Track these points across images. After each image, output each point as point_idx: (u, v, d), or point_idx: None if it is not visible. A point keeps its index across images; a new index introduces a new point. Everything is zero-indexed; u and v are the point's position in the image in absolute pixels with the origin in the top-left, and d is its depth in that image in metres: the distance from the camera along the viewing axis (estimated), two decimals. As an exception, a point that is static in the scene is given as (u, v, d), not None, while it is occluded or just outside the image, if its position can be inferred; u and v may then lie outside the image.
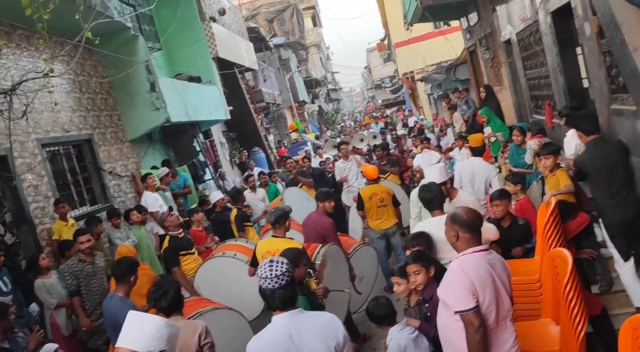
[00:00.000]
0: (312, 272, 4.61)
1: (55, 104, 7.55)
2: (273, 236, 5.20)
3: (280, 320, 2.84)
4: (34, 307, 6.07)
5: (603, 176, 4.82)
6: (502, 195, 5.29)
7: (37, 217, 7.20)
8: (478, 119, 9.94)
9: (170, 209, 8.80)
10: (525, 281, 4.68)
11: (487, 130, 9.22)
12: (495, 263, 3.22)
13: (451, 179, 5.52)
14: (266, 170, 14.33)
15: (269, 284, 2.79)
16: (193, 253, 6.81)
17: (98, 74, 9.52)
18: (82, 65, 9.05)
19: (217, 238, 7.66)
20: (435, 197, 4.58)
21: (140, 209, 8.06)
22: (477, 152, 7.14)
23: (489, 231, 4.73)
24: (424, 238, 4.24)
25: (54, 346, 4.88)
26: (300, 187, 9.92)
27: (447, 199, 5.04)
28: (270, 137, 20.51)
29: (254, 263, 5.11)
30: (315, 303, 4.29)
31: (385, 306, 3.98)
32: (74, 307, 5.88)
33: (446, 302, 3.18)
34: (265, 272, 2.81)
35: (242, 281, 5.89)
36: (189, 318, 4.45)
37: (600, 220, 5.09)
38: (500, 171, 8.07)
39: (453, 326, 3.15)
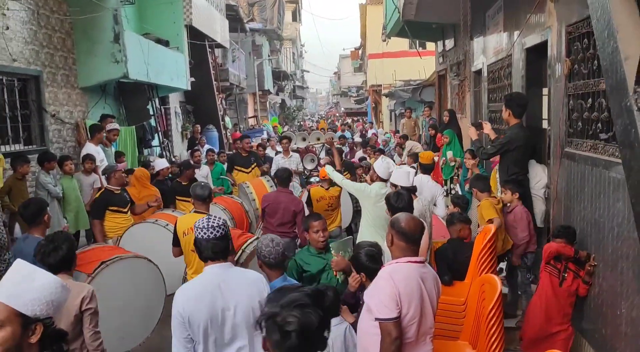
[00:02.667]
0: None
1: (7, 28, 7.05)
2: (195, 211, 4.99)
3: (210, 270, 2.99)
4: None
5: (522, 153, 5.62)
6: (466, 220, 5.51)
7: (-37, 144, 6.71)
8: (438, 139, 10.06)
9: (125, 165, 8.44)
10: (451, 302, 4.71)
11: (450, 154, 9.34)
12: (428, 278, 3.16)
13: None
14: (217, 150, 14.04)
15: (204, 234, 2.97)
16: (125, 212, 6.52)
17: (61, 12, 9.01)
18: (46, -1, 8.53)
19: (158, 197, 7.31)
20: (404, 208, 4.43)
21: (88, 158, 7.68)
22: (427, 169, 7.19)
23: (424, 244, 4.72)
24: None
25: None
26: (249, 172, 9.77)
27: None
28: (227, 119, 20.13)
29: (175, 242, 4.85)
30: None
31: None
32: None
33: (370, 306, 3.09)
34: (202, 222, 3.00)
35: (166, 252, 5.67)
36: (95, 270, 4.25)
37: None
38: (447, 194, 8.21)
39: (371, 331, 3.07)
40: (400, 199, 4.52)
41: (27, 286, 1.87)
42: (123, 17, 9.71)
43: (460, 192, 8.31)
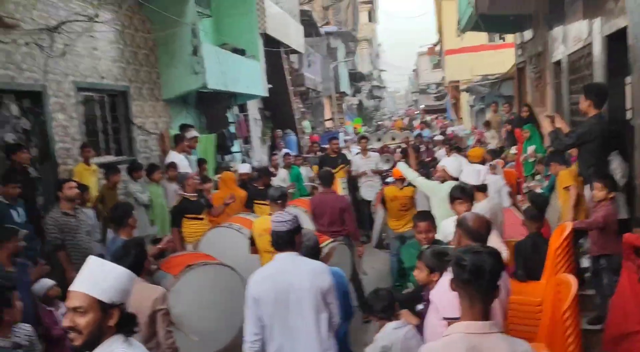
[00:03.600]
0: None
1: (95, 49, 7.65)
2: (270, 214, 5.16)
3: (280, 257, 3.39)
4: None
5: (600, 145, 5.39)
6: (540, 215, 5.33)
7: (62, 157, 7.34)
8: (517, 133, 9.73)
9: (197, 173, 8.86)
10: (527, 302, 4.58)
11: (531, 149, 9.01)
12: None
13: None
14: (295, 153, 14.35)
15: (277, 226, 3.38)
16: (201, 219, 6.83)
17: (145, 30, 9.62)
18: (131, 18, 9.15)
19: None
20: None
21: (172, 166, 8.16)
22: None
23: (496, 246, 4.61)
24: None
25: (51, 282, 4.96)
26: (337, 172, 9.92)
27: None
28: (306, 123, 20.46)
29: (252, 242, 5.10)
30: None
31: (384, 299, 3.85)
32: (61, 262, 5.66)
33: (437, 306, 3.10)
34: (277, 217, 3.44)
35: (243, 254, 5.93)
36: (181, 272, 4.52)
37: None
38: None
39: (438, 331, 3.07)
40: (460, 191, 4.50)
41: (103, 277, 2.15)
42: (201, 30, 10.21)
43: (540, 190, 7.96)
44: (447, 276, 3.14)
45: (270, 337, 3.27)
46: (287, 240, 3.37)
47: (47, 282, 4.93)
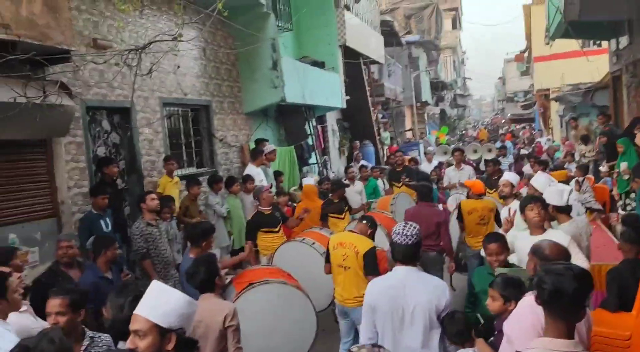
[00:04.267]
0: None
1: (178, 67, 8.02)
2: (350, 230, 5.13)
3: (399, 270, 3.41)
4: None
5: None
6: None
7: (147, 169, 7.73)
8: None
9: (271, 185, 9.02)
10: (613, 335, 4.22)
11: (624, 165, 8.39)
12: None
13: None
14: (371, 165, 14.28)
15: (399, 239, 3.38)
16: (277, 232, 6.91)
17: (227, 46, 9.96)
18: (214, 35, 9.51)
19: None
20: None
21: (247, 178, 8.36)
22: None
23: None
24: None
25: (135, 288, 5.21)
26: (400, 186, 9.81)
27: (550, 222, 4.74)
28: (385, 134, 20.33)
29: (327, 258, 5.06)
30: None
31: (459, 323, 3.68)
32: (146, 270, 5.91)
33: (511, 338, 2.93)
34: (399, 229, 3.43)
35: (315, 270, 5.93)
36: (247, 288, 4.56)
37: None
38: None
39: (512, 364, 2.90)
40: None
41: (162, 302, 2.20)
42: (281, 44, 10.43)
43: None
44: (521, 306, 2.96)
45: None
46: (409, 253, 3.39)
47: (128, 290, 5.18)
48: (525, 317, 2.86)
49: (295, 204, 8.78)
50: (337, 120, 16.51)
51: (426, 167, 13.38)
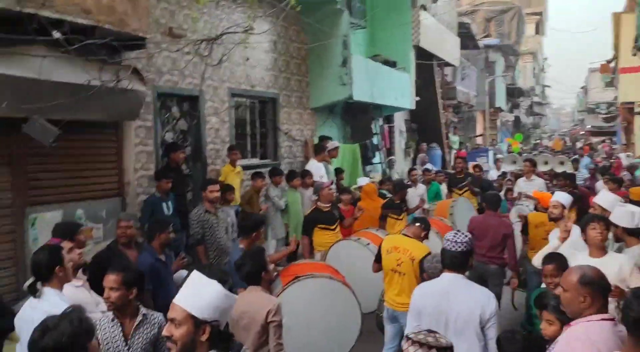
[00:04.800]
0: None
1: (248, 59, 8.13)
2: (403, 234, 5.00)
3: (445, 277, 3.38)
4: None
5: None
6: None
7: (211, 157, 7.90)
8: None
9: (332, 182, 9.00)
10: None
11: None
12: (625, 337, 2.68)
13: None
14: (436, 168, 13.97)
15: (449, 245, 3.35)
16: (333, 229, 6.88)
17: (299, 40, 10.01)
18: (286, 29, 9.58)
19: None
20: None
21: (305, 173, 8.39)
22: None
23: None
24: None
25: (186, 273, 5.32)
26: (463, 193, 9.51)
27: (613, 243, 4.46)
28: (454, 138, 19.85)
29: (377, 258, 4.98)
30: None
31: (518, 343, 3.49)
32: (198, 255, 6.06)
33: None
34: (451, 235, 3.41)
35: (367, 271, 5.85)
36: (288, 283, 4.54)
37: None
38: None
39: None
40: None
41: (199, 293, 2.20)
42: (354, 41, 10.38)
43: None
44: (572, 338, 2.75)
45: None
46: (459, 261, 3.35)
47: (184, 273, 5.29)
48: (583, 349, 2.65)
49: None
50: (405, 121, 16.27)
51: (495, 174, 12.95)
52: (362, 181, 8.50)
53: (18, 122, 4.67)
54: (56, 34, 4.66)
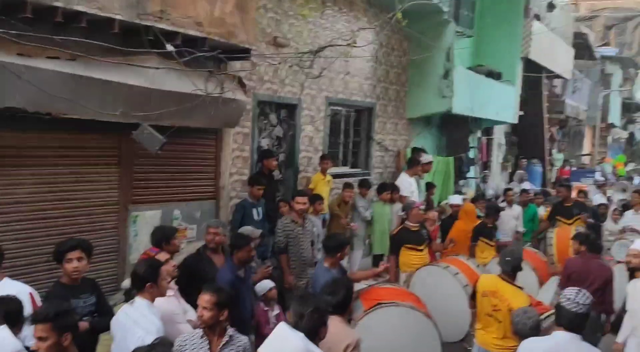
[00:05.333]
0: None
1: (348, 73, 8.14)
2: (500, 277, 4.74)
3: (559, 336, 3.28)
4: None
5: None
6: None
7: (303, 164, 8.02)
8: None
9: (422, 203, 8.76)
10: None
11: None
12: None
13: None
14: (535, 188, 13.28)
15: (569, 305, 3.26)
16: (421, 250, 6.72)
17: (401, 49, 9.88)
18: (389, 38, 9.48)
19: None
20: None
21: (394, 188, 8.29)
22: None
23: None
24: None
25: (271, 284, 5.43)
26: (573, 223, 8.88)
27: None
28: (558, 155, 18.74)
29: (473, 296, 4.79)
30: None
31: None
32: (281, 264, 6.12)
33: None
34: (572, 294, 3.31)
35: (453, 300, 5.71)
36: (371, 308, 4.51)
37: None
38: None
39: None
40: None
41: (282, 347, 2.20)
42: (457, 50, 10.08)
43: None
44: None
45: None
46: (576, 322, 3.26)
47: (268, 284, 5.39)
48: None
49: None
50: (506, 133, 15.60)
51: (599, 199, 11.97)
52: (454, 199, 8.18)
53: (129, 126, 4.98)
54: (170, 47, 4.91)
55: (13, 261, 4.71)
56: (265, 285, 5.36)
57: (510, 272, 4.67)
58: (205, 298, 3.26)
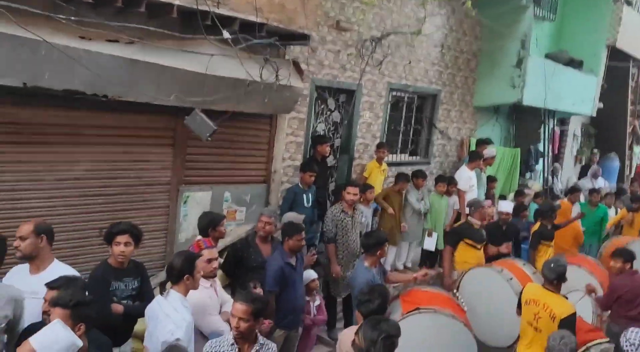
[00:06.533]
0: None
1: (410, 62, 7.84)
2: (544, 287, 4.53)
3: None
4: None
5: None
6: None
7: (359, 151, 7.88)
8: None
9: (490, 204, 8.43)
10: None
11: None
12: None
13: None
14: (610, 184, 12.50)
15: (630, 349, 3.19)
16: (479, 249, 6.52)
17: (472, 35, 9.39)
18: (460, 23, 9.03)
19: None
20: None
21: (452, 181, 8.02)
22: None
23: None
24: None
25: (314, 275, 5.43)
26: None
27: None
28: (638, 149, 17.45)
29: (519, 305, 4.62)
30: None
31: None
32: (328, 253, 6.08)
33: None
34: (633, 338, 3.22)
35: (504, 306, 5.48)
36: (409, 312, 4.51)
37: None
38: None
39: None
40: None
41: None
42: (535, 34, 9.50)
43: None
44: None
45: None
46: None
47: (311, 274, 5.41)
48: None
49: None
50: (583, 124, 14.66)
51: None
52: (504, 205, 7.54)
53: (184, 108, 5.04)
54: (226, 34, 4.87)
55: (69, 234, 4.96)
56: (308, 275, 5.36)
57: (554, 281, 4.45)
58: (241, 309, 3.22)
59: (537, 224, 7.32)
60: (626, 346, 3.08)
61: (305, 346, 5.43)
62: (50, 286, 3.18)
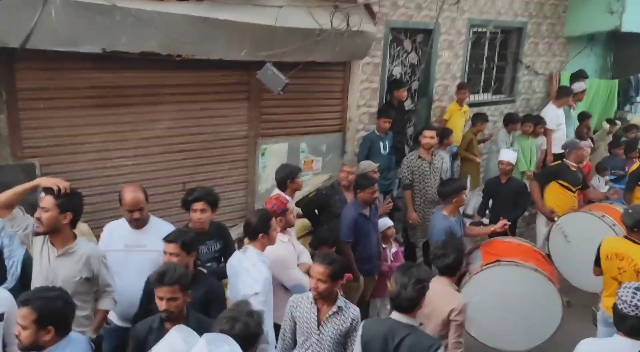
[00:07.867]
0: None
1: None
2: (626, 237, 4.26)
3: (620, 342, 2.91)
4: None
5: None
6: None
7: (438, 93, 7.58)
8: None
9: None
10: None
11: None
12: None
13: None
14: None
15: (625, 308, 2.86)
16: (573, 192, 6.22)
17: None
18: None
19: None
20: None
21: (539, 121, 7.58)
22: None
23: None
24: None
25: (390, 222, 5.42)
26: None
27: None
28: None
29: (597, 261, 4.38)
30: None
31: None
32: (405, 200, 5.99)
33: None
34: (627, 296, 2.88)
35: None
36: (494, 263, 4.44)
37: None
38: None
39: None
40: None
41: None
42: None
43: None
44: None
45: None
46: (636, 328, 2.87)
47: (386, 222, 5.41)
48: None
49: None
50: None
51: None
52: (505, 154, 6.50)
53: (257, 63, 5.03)
54: (293, -17, 4.75)
55: (156, 190, 5.22)
56: (383, 223, 5.36)
57: (634, 228, 4.17)
58: (319, 270, 3.23)
59: (637, 164, 6.78)
60: (619, 304, 2.86)
61: (383, 291, 5.52)
62: (167, 239, 3.38)
